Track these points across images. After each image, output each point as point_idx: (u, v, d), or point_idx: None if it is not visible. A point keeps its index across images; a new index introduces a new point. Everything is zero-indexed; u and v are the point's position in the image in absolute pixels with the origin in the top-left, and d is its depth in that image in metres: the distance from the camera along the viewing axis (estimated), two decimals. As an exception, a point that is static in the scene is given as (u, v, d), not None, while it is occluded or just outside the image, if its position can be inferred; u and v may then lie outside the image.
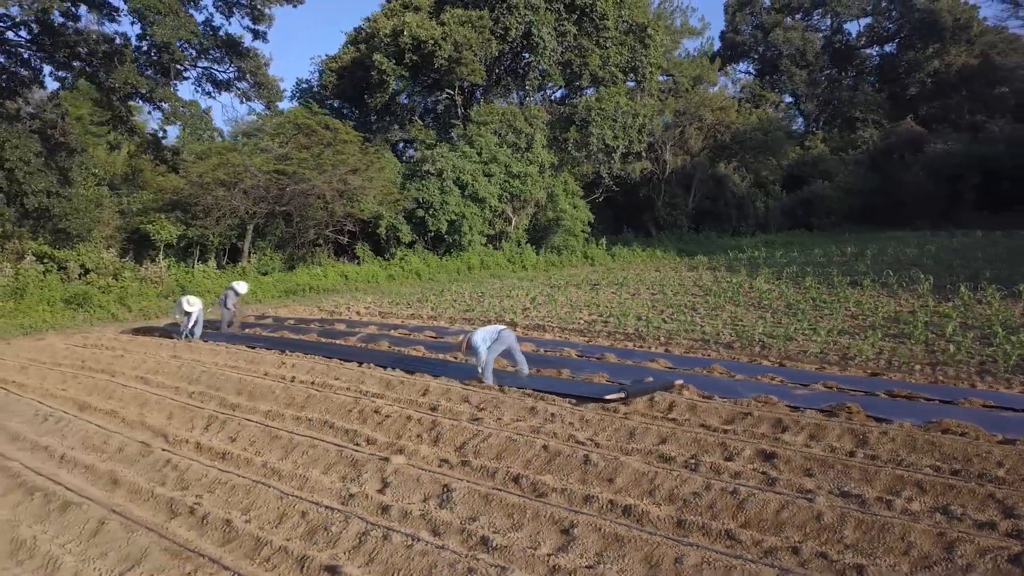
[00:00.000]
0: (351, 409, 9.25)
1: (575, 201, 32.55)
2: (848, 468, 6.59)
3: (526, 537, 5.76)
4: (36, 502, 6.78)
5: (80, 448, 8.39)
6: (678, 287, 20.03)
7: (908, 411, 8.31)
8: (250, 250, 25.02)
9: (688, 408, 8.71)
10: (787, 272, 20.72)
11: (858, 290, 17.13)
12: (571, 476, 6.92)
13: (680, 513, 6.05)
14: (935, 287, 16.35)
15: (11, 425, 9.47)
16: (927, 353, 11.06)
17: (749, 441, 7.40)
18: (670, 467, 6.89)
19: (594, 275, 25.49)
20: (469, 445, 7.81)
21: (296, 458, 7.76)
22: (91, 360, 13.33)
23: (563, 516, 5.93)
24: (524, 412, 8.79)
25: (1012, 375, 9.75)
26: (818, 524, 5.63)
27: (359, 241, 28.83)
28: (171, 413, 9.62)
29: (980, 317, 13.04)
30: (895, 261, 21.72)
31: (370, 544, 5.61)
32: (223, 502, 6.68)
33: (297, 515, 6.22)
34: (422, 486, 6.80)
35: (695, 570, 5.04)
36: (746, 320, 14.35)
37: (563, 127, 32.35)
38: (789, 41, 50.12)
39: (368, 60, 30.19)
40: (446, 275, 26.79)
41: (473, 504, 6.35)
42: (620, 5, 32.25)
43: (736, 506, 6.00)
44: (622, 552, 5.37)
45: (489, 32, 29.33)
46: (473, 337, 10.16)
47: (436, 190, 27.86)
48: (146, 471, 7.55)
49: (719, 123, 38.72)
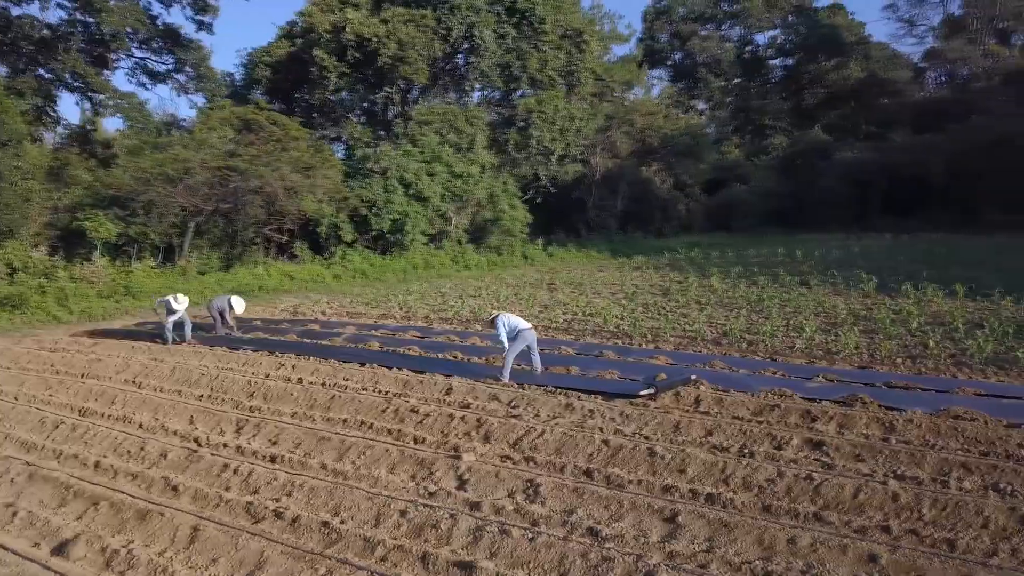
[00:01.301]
0: (384, 409, 9.24)
1: (513, 202, 32.92)
2: (894, 453, 7.17)
3: (630, 527, 6.02)
4: (104, 512, 6.53)
5: (114, 455, 8.06)
6: (634, 287, 20.67)
7: (913, 400, 8.99)
8: (189, 248, 24.08)
9: (715, 402, 9.15)
10: (735, 272, 21.72)
11: (809, 289, 18.18)
12: (640, 468, 7.22)
13: (762, 498, 6.45)
14: (879, 286, 17.55)
15: (18, 434, 8.96)
16: (902, 347, 11.95)
17: (793, 430, 7.90)
18: (731, 456, 7.30)
19: (543, 275, 25.89)
20: (525, 442, 7.98)
21: (354, 459, 7.74)
22: (62, 364, 12.65)
23: (661, 506, 6.24)
24: (560, 409, 9.01)
25: (986, 366, 10.69)
26: (895, 504, 6.15)
27: (297, 240, 28.22)
28: (192, 417, 9.33)
29: (936, 314, 14.17)
30: (834, 262, 23.10)
31: (488, 539, 5.74)
32: (305, 504, 6.63)
33: (395, 514, 6.26)
34: (502, 482, 6.94)
35: (810, 549, 5.44)
36: (719, 318, 15.04)
37: (503, 128, 32.66)
38: (705, 50, 52.25)
39: (306, 55, 29.57)
40: (392, 275, 26.59)
41: (564, 497, 6.55)
42: (557, 10, 32.84)
43: (813, 490, 6.45)
44: (732, 537, 5.72)
45: (432, 32, 29.29)
46: (499, 318, 10.52)
47: (380, 189, 27.62)
48: (202, 476, 7.36)
49: (649, 128, 40.01)
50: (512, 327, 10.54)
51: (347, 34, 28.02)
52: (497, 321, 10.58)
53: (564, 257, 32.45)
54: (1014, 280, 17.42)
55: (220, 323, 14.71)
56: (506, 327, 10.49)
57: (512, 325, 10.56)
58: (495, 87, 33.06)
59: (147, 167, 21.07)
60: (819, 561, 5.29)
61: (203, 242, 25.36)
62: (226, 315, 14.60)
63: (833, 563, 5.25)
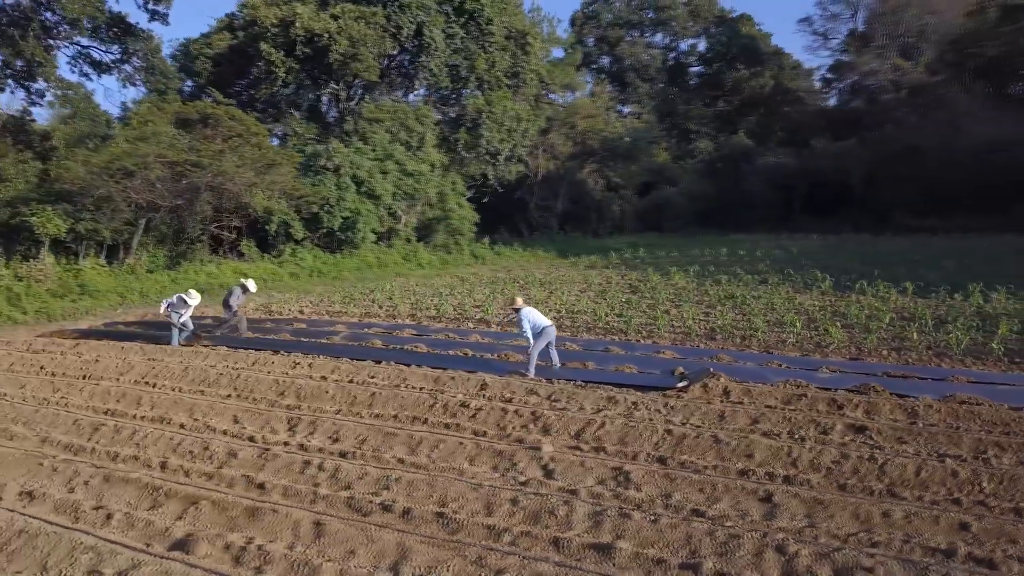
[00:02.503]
0: (431, 405, 9.39)
1: (461, 201, 33.12)
2: (932, 435, 7.89)
3: (730, 508, 6.46)
4: (207, 511, 6.49)
5: (176, 456, 7.93)
6: (601, 286, 21.28)
7: (916, 388, 9.82)
8: (138, 246, 23.12)
9: (743, 392, 9.74)
10: (693, 271, 22.65)
11: (770, 287, 19.20)
12: (708, 454, 7.68)
13: (833, 478, 7.01)
14: (835, 285, 18.73)
15: (57, 436, 8.66)
16: (883, 341, 12.92)
17: (829, 417, 8.54)
18: (787, 442, 7.84)
19: (500, 273, 26.22)
20: (587, 433, 8.32)
21: (428, 452, 7.89)
22: (54, 366, 12.13)
23: (752, 487, 6.71)
24: (604, 402, 9.39)
25: (965, 357, 11.74)
26: (956, 479, 6.82)
27: (244, 237, 27.54)
28: (235, 417, 9.23)
29: (900, 310, 15.32)
30: (782, 261, 24.40)
31: (609, 523, 6.06)
32: (407, 497, 6.76)
33: (506, 503, 6.49)
34: (589, 471, 7.26)
35: (904, 521, 6.02)
36: (699, 314, 15.75)
37: (451, 128, 32.79)
38: (634, 55, 53.74)
39: (252, 49, 28.86)
40: (349, 273, 26.36)
41: (657, 483, 6.93)
42: (503, 11, 33.21)
43: (878, 470, 7.06)
44: (829, 513, 6.24)
45: (382, 29, 29.13)
46: (524, 311, 10.87)
47: (333, 186, 27.29)
48: (284, 474, 7.36)
49: (590, 130, 40.92)
50: (535, 324, 10.86)
51: (297, 29, 27.53)
52: (522, 314, 10.86)
53: (512, 256, 32.88)
54: (953, 278, 18.97)
55: (227, 319, 14.39)
56: (530, 323, 10.79)
57: (535, 322, 10.87)
58: (442, 86, 33.15)
59: (103, 160, 20.12)
60: (916, 531, 5.85)
61: (148, 239, 24.40)
62: (233, 302, 14.28)
63: (930, 532, 5.83)
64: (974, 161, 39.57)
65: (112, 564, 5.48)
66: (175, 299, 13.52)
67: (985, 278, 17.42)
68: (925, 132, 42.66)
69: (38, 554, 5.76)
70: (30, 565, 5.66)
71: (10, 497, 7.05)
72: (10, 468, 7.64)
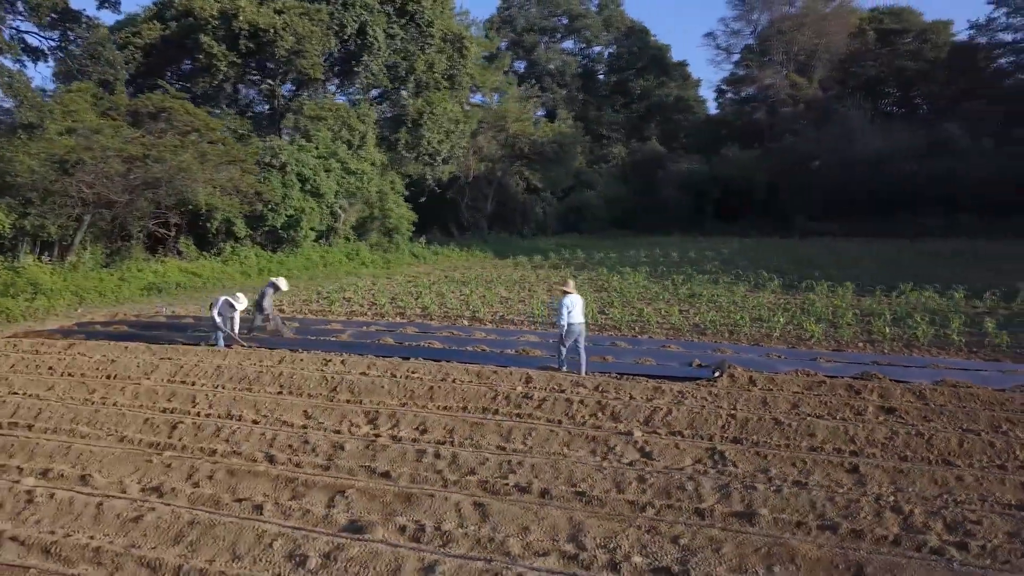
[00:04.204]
0: (493, 397, 9.87)
1: (399, 200, 33.20)
2: (952, 413, 9.11)
3: (824, 478, 7.35)
4: (356, 499, 6.78)
5: (275, 450, 8.09)
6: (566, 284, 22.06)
7: (910, 375, 11.14)
8: (81, 243, 21.98)
9: (767, 381, 10.73)
10: (644, 271, 23.87)
11: (721, 286, 20.60)
12: (773, 435, 8.58)
13: (893, 452, 8.04)
14: (783, 284, 20.35)
15: (132, 435, 8.62)
16: (857, 334, 14.35)
17: (868, 400, 9.64)
18: (838, 422, 8.85)
19: (449, 272, 26.61)
20: (656, 419, 9.06)
21: (522, 439, 8.40)
22: (65, 367, 11.73)
23: (837, 461, 7.64)
24: (650, 392, 10.16)
25: (931, 347, 13.28)
26: (994, 449, 8.00)
27: (183, 235, 26.67)
28: (305, 412, 9.39)
29: (856, 306, 16.93)
30: (722, 262, 26.02)
31: (737, 494, 6.83)
32: (533, 478, 7.27)
33: (634, 481, 7.14)
34: (683, 452, 8.01)
35: (976, 484, 7.09)
36: (676, 312, 16.82)
37: (390, 127, 32.81)
38: (550, 60, 55.12)
39: (188, 40, 27.91)
40: (297, 272, 25.99)
41: (749, 460, 7.75)
42: (441, 13, 33.55)
43: (926, 443, 8.15)
44: (911, 479, 7.24)
45: (326, 27, 28.87)
46: (568, 298, 11.27)
47: (279, 184, 26.84)
48: (401, 463, 7.70)
49: (521, 134, 41.78)
50: (570, 315, 11.31)
51: (240, 22, 26.88)
52: (564, 300, 11.28)
53: (450, 256, 33.27)
54: (879, 278, 21.02)
55: (257, 320, 14.14)
56: (566, 312, 11.24)
57: (572, 313, 11.31)
58: (382, 86, 33.09)
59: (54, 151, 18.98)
60: (988, 491, 6.92)
61: (87, 237, 23.24)
62: (266, 303, 14.06)
63: (1000, 491, 6.91)
64: (864, 171, 43.26)
65: (312, 547, 5.74)
66: (221, 301, 13.27)
67: (908, 278, 19.46)
68: (821, 144, 46.22)
69: (222, 543, 5.92)
70: (220, 552, 5.82)
71: (134, 493, 7.07)
72: (115, 466, 7.59)
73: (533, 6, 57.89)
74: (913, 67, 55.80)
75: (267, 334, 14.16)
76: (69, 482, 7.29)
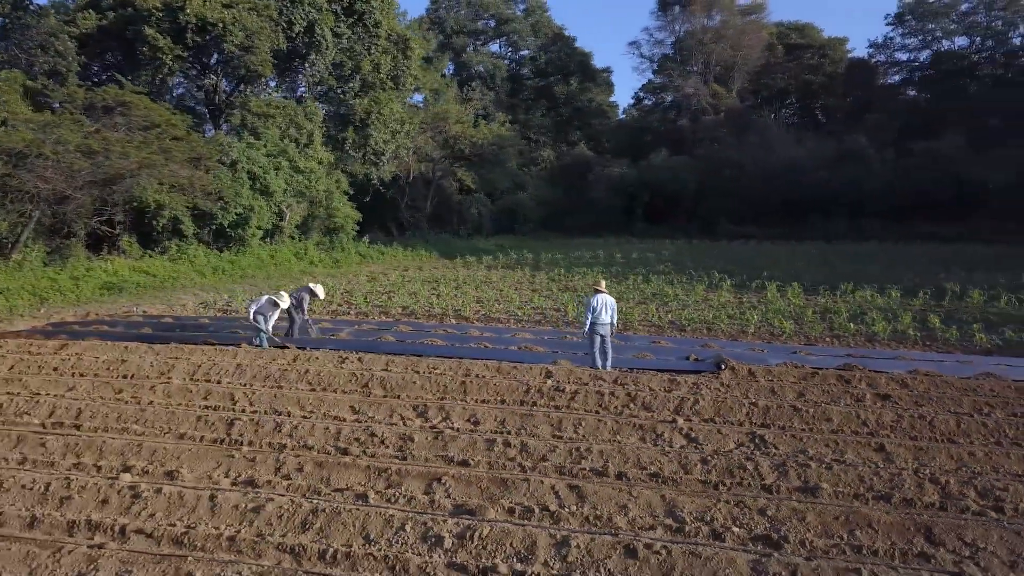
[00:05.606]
0: (528, 390, 10.39)
1: (344, 199, 33.02)
2: (939, 398, 10.25)
3: (856, 456, 8.25)
4: (452, 485, 7.20)
5: (347, 443, 8.36)
6: (526, 284, 22.71)
7: (885, 365, 12.29)
8: (25, 241, 20.97)
9: (765, 373, 11.68)
10: (599, 270, 24.77)
11: (677, 286, 21.68)
12: (794, 420, 9.45)
13: (903, 433, 9.04)
14: (736, 284, 21.61)
15: (190, 432, 8.68)
16: (823, 331, 15.57)
17: (860, 388, 10.68)
18: (848, 407, 9.81)
19: (401, 272, 26.77)
20: (685, 408, 9.80)
21: (574, 428, 8.96)
22: (72, 368, 11.48)
23: (863, 441, 8.55)
24: (668, 383, 10.90)
25: (891, 341, 14.61)
26: (987, 428, 9.11)
27: (127, 232, 25.78)
28: (352, 407, 9.64)
29: (813, 305, 18.26)
30: (668, 263, 27.21)
31: (793, 472, 7.62)
32: (604, 464, 7.85)
33: (698, 463, 7.82)
34: (725, 437, 8.76)
35: (986, 458, 8.12)
36: (651, 309, 17.73)
37: (338, 127, 32.60)
38: (479, 63, 55.68)
39: (128, 32, 26.96)
40: (251, 271, 25.59)
41: (787, 443, 8.58)
42: (387, 15, 33.59)
43: (928, 425, 9.20)
44: (931, 456, 8.22)
45: (275, 23, 28.48)
46: (597, 296, 11.67)
47: (229, 181, 26.33)
48: (473, 451, 8.13)
49: (461, 135, 42.11)
50: (595, 314, 11.81)
51: (187, 15, 26.20)
52: (592, 299, 11.71)
53: (396, 255, 33.33)
54: (820, 278, 22.62)
55: (297, 323, 13.98)
56: (591, 311, 11.75)
57: (598, 313, 11.80)
58: (328, 85, 32.80)
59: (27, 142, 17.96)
60: (999, 464, 7.97)
61: (29, 234, 22.18)
62: (304, 307, 13.94)
63: (1009, 464, 7.97)
64: (782, 178, 45.86)
65: (443, 528, 6.13)
66: (264, 300, 13.14)
67: (843, 278, 21.10)
68: (741, 151, 48.66)
69: (352, 528, 6.24)
70: (353, 537, 6.13)
71: (226, 485, 7.22)
72: (195, 462, 7.70)
73: (463, 8, 58.36)
74: (816, 80, 59.50)
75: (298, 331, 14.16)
76: (156, 478, 7.37)
